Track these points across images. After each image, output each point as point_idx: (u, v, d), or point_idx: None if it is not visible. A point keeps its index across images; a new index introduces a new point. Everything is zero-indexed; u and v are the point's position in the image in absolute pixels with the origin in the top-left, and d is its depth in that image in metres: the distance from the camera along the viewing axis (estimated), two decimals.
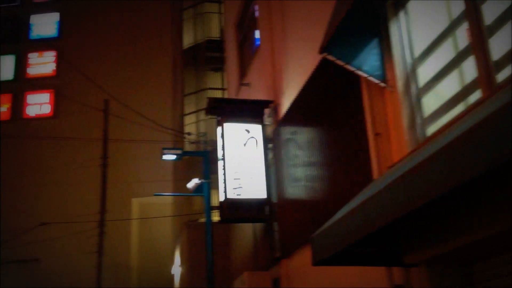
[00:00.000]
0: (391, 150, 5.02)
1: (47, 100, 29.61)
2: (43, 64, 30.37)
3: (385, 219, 3.25)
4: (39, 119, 29.45)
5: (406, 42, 5.00)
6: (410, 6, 5.00)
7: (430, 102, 4.70)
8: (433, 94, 4.67)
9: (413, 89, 4.87)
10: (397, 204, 3.11)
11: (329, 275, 6.07)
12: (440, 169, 2.67)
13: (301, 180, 7.57)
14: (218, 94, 20.58)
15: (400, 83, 4.93)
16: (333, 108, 6.40)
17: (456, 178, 2.51)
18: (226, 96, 17.89)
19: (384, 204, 3.27)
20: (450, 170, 2.58)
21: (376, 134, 5.19)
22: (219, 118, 9.33)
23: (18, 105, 29.87)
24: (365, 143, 5.39)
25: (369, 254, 4.46)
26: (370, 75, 5.00)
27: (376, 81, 5.04)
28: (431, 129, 4.60)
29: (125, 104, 17.92)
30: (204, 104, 20.40)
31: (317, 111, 7.02)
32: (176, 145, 21.42)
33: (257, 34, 11.40)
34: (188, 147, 18.88)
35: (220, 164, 9.14)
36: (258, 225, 10.12)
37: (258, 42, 11.11)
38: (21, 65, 30.49)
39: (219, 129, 9.28)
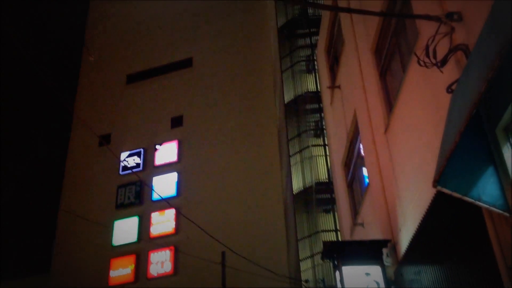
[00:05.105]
0: None
1: (168, 258, 30.38)
2: (163, 222, 31.73)
3: None
4: (161, 278, 30.01)
5: None
6: None
7: None
8: None
9: None
10: None
11: None
12: None
13: None
14: (331, 236, 20.28)
15: None
16: (457, 242, 6.02)
17: None
18: (339, 237, 17.56)
19: None
20: None
21: (509, 268, 4.77)
22: (336, 262, 9.07)
23: (141, 265, 30.87)
24: (497, 277, 4.94)
25: None
26: (492, 206, 4.71)
27: (499, 211, 4.73)
28: None
29: (241, 255, 18.04)
30: (318, 247, 20.12)
31: (439, 247, 6.63)
32: None
33: (364, 171, 11.38)
34: None
35: None
36: None
37: (367, 180, 11.05)
38: (144, 226, 32.01)
39: (337, 273, 8.98)
